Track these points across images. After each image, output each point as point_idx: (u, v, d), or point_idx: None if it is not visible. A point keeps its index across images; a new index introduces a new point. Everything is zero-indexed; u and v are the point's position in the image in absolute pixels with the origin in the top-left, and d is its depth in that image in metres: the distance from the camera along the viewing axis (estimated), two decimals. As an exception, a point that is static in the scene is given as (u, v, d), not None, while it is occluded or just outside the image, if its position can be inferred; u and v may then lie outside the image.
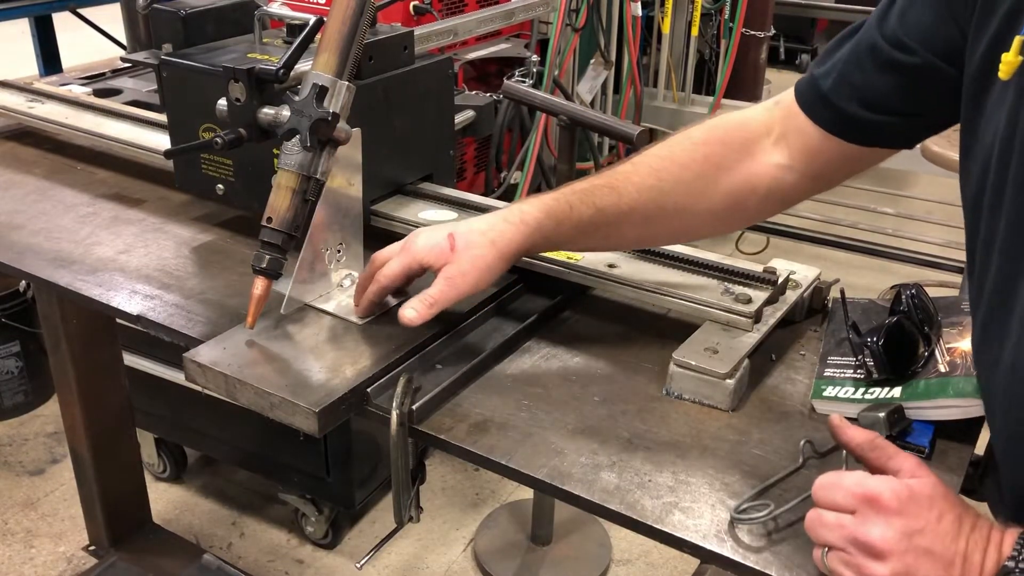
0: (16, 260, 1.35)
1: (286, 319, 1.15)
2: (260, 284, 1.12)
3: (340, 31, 1.11)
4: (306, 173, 1.11)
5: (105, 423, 2.20)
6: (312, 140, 1.09)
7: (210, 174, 1.41)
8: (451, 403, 1.07)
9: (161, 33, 1.44)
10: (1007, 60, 0.79)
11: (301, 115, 1.09)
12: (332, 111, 1.09)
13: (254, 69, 1.14)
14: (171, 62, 1.38)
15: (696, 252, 1.25)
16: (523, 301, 1.26)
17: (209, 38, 1.44)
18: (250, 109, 1.15)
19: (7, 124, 1.83)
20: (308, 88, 1.09)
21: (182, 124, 1.41)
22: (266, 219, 1.12)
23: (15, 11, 3.18)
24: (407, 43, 1.39)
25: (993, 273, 0.86)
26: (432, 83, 1.43)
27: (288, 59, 1.15)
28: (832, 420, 0.93)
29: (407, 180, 1.44)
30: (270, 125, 1.15)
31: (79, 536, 2.54)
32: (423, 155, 1.46)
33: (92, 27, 3.64)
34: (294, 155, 1.10)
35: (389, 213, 1.38)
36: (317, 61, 1.11)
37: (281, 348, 1.10)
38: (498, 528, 2.65)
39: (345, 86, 1.11)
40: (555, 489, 0.95)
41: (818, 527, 0.83)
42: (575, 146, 2.02)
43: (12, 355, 2.98)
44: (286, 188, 1.11)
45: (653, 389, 1.10)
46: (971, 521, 0.80)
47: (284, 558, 2.55)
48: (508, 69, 3.06)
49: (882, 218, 3.82)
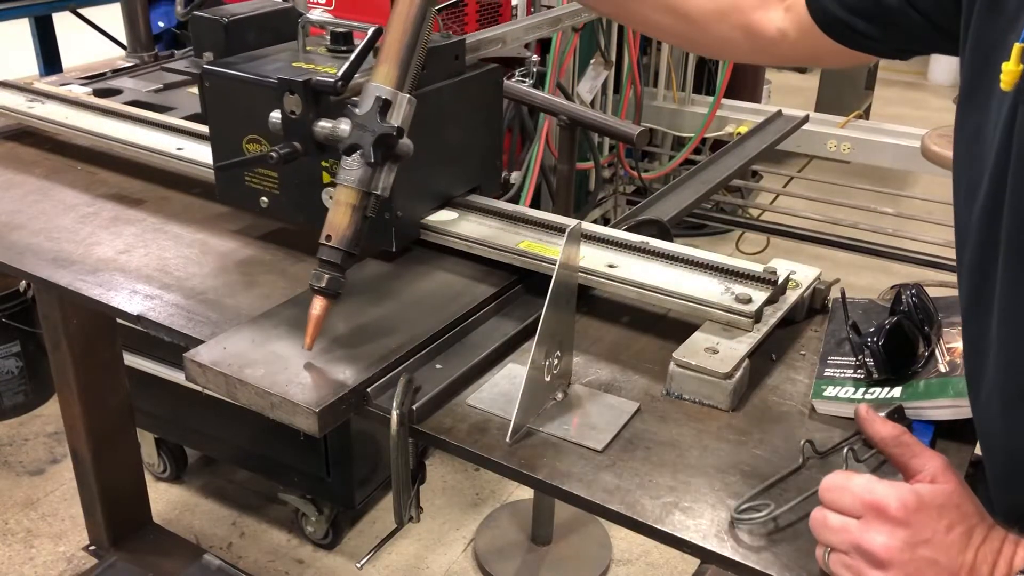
0: (16, 260, 1.35)
1: (285, 319, 1.16)
2: (319, 304, 1.07)
3: (401, 41, 1.07)
4: (366, 189, 1.07)
5: (105, 423, 2.20)
6: (376, 155, 1.04)
7: (254, 186, 1.35)
8: (451, 403, 1.07)
9: (202, 41, 1.38)
10: (1008, 70, 0.78)
11: (364, 129, 1.05)
12: (397, 125, 1.05)
13: (311, 81, 1.09)
14: (215, 71, 1.32)
15: (696, 252, 1.25)
16: (523, 301, 1.26)
17: (251, 46, 1.38)
18: (306, 122, 1.10)
19: (7, 124, 1.83)
20: (370, 101, 1.05)
21: (225, 135, 1.36)
22: (325, 237, 1.07)
23: (15, 11, 3.18)
24: (459, 52, 1.34)
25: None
26: (482, 92, 1.39)
27: (347, 70, 1.10)
28: (859, 411, 0.92)
29: (456, 192, 1.39)
30: (327, 139, 1.10)
31: (79, 536, 2.54)
32: (472, 166, 1.42)
33: (92, 27, 3.64)
34: (355, 171, 1.06)
35: (439, 227, 1.33)
36: (377, 72, 1.07)
37: (281, 348, 1.10)
38: (498, 528, 2.65)
39: (407, 99, 1.07)
40: (555, 489, 0.95)
41: (822, 528, 0.82)
42: (575, 146, 2.02)
43: (12, 355, 2.98)
44: (346, 205, 1.07)
45: (653, 389, 1.10)
46: (983, 532, 0.79)
47: (284, 558, 2.55)
48: (508, 69, 3.06)
49: (882, 218, 3.82)
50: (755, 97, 4.43)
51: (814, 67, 1.15)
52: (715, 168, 2.32)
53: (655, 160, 4.36)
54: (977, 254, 0.87)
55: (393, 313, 1.19)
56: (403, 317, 1.17)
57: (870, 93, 5.34)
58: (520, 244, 1.28)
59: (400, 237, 1.29)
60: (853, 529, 0.80)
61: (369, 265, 1.32)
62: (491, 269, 1.29)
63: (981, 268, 0.86)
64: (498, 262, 1.28)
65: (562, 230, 1.25)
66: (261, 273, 1.32)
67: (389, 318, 1.17)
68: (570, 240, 1.03)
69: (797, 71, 7.24)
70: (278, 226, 1.44)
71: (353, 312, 1.18)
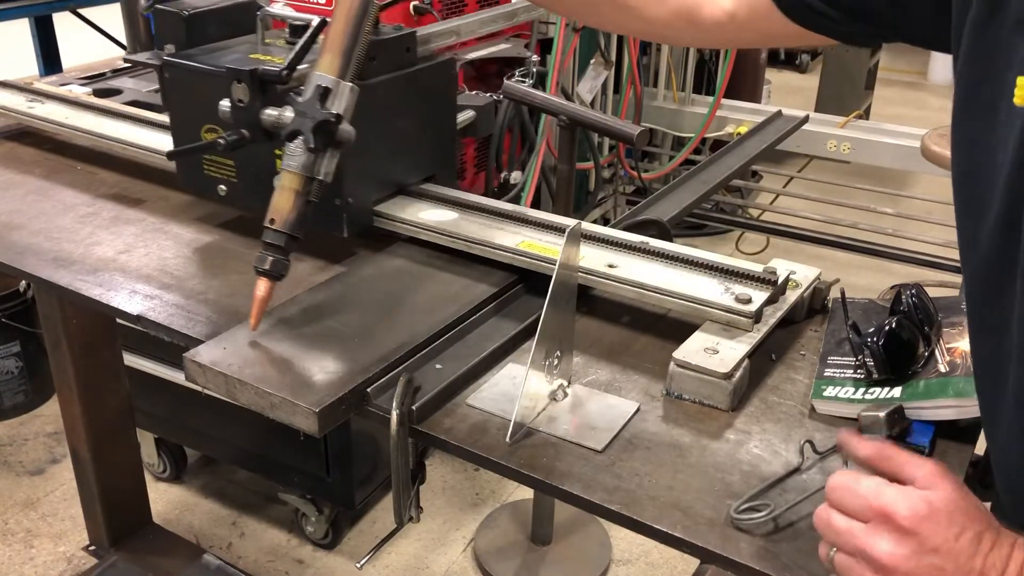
0: (16, 260, 1.35)
1: (285, 319, 1.16)
2: (263, 286, 1.11)
3: (343, 32, 1.11)
4: (309, 174, 1.10)
5: (105, 423, 2.20)
6: (316, 141, 1.08)
7: (212, 175, 1.41)
8: (451, 403, 1.07)
9: (163, 34, 1.44)
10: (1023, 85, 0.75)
11: (304, 116, 1.08)
12: (335, 112, 1.09)
13: (257, 70, 1.14)
14: (174, 63, 1.37)
15: (696, 252, 1.25)
16: (523, 301, 1.26)
17: (212, 39, 1.44)
18: (253, 110, 1.15)
19: (7, 124, 1.83)
20: (311, 89, 1.09)
21: (184, 125, 1.41)
22: (269, 220, 1.11)
23: (15, 11, 3.18)
24: (410, 44, 1.39)
25: None
26: (435, 84, 1.43)
27: (292, 60, 1.14)
28: (840, 438, 0.89)
29: (410, 181, 1.44)
30: (273, 126, 1.15)
31: (79, 536, 2.54)
32: (426, 156, 1.46)
33: (92, 27, 3.64)
34: (297, 156, 1.10)
35: (392, 214, 1.37)
36: (320, 62, 1.11)
37: (281, 348, 1.10)
38: (498, 528, 2.65)
39: (348, 87, 1.11)
40: (555, 489, 0.95)
41: (827, 529, 0.81)
42: (575, 146, 2.02)
43: (12, 355, 2.98)
44: (289, 189, 1.11)
45: (653, 389, 1.10)
46: (992, 538, 0.77)
47: (284, 558, 2.55)
48: (508, 69, 3.06)
49: (882, 218, 3.82)
50: (755, 97, 4.43)
51: (761, 47, 1.14)
52: (715, 168, 2.32)
53: (655, 160, 4.36)
54: (986, 269, 0.85)
55: (393, 313, 1.19)
56: (403, 317, 1.18)
57: (870, 93, 5.35)
58: (520, 244, 1.28)
59: (352, 223, 1.33)
60: (859, 534, 0.78)
61: (369, 265, 1.32)
62: (491, 269, 1.29)
63: (993, 282, 0.84)
64: (498, 262, 1.28)
65: (562, 230, 1.25)
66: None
67: (389, 318, 1.17)
68: (570, 240, 1.03)
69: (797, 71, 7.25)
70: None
71: (353, 312, 1.19)
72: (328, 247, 1.37)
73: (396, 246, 1.37)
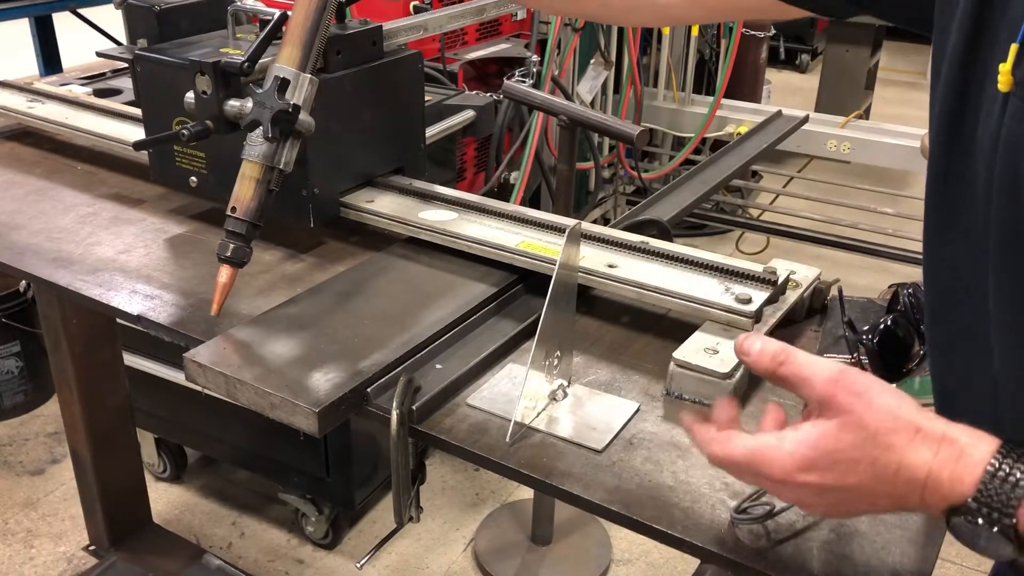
0: (16, 260, 1.35)
1: (285, 319, 1.16)
2: (225, 272, 1.15)
3: (303, 25, 1.15)
4: (269, 163, 1.15)
5: (105, 423, 2.20)
6: (274, 131, 1.12)
7: (184, 167, 1.43)
8: (451, 403, 1.07)
9: (136, 28, 1.47)
10: (1005, 71, 0.73)
11: (263, 107, 1.12)
12: (293, 103, 1.13)
13: (220, 62, 1.17)
14: (144, 56, 1.39)
15: (696, 252, 1.25)
16: (523, 301, 1.26)
17: (184, 33, 1.46)
18: (216, 102, 1.18)
19: (7, 124, 1.83)
20: (271, 80, 1.13)
21: (156, 118, 1.43)
22: (230, 208, 1.15)
23: (15, 11, 3.18)
24: (376, 38, 1.41)
25: None
26: (402, 77, 1.45)
27: (252, 52, 1.17)
28: (736, 343, 0.83)
29: (377, 172, 1.46)
30: (236, 117, 1.18)
31: (79, 536, 2.54)
32: (393, 148, 1.48)
33: (92, 27, 3.64)
34: (257, 146, 1.14)
35: (359, 205, 1.39)
36: (280, 54, 1.15)
37: (281, 348, 1.10)
38: (498, 528, 2.65)
39: (308, 79, 1.15)
40: (555, 489, 0.95)
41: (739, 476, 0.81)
42: (575, 146, 2.02)
43: (12, 355, 2.98)
44: (250, 178, 1.15)
45: (653, 389, 1.10)
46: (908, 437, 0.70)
47: (284, 558, 2.55)
48: (508, 69, 3.07)
49: (882, 218, 3.82)
50: (755, 97, 4.43)
51: (726, 20, 1.12)
52: (715, 168, 2.32)
53: (655, 160, 4.36)
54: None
55: (393, 313, 1.19)
56: (403, 317, 1.17)
57: (870, 93, 5.34)
58: (520, 244, 1.28)
59: (318, 213, 1.36)
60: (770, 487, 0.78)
61: (368, 264, 1.32)
62: (491, 269, 1.29)
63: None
64: (498, 262, 1.28)
65: (562, 230, 1.25)
66: (259, 273, 1.32)
67: (389, 318, 1.17)
68: (570, 240, 1.03)
69: (797, 71, 7.25)
70: (277, 225, 1.44)
71: (353, 312, 1.19)
72: (295, 237, 1.40)
73: (396, 246, 1.37)
